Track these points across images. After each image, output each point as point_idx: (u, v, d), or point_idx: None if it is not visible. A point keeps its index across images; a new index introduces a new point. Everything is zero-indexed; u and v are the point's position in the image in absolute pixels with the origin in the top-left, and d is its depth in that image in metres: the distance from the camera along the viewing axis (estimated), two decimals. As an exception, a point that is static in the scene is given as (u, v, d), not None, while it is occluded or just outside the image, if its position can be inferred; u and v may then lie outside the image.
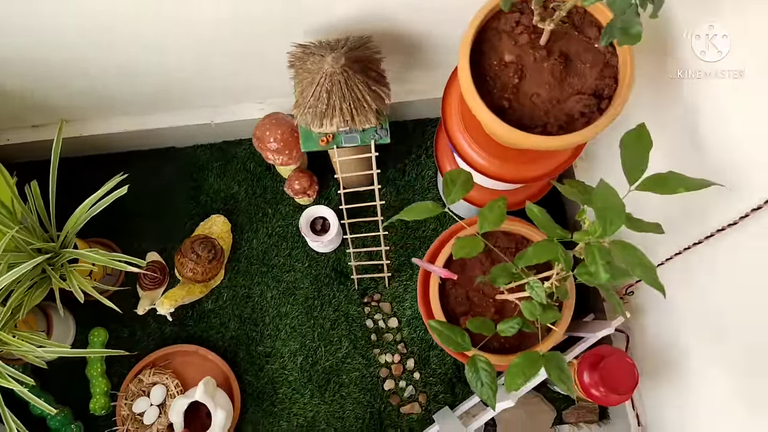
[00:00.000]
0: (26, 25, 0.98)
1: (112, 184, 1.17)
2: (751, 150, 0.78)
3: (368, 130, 1.11)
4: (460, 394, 1.40)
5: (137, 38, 1.05)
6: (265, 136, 1.30)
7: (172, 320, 1.39)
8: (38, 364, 1.16)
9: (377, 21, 1.07)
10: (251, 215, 1.49)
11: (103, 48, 1.08)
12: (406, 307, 1.44)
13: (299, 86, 1.01)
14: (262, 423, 1.39)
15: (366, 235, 1.39)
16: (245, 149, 1.52)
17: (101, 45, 1.06)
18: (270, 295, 1.45)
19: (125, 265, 1.13)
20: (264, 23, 1.06)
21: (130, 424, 1.34)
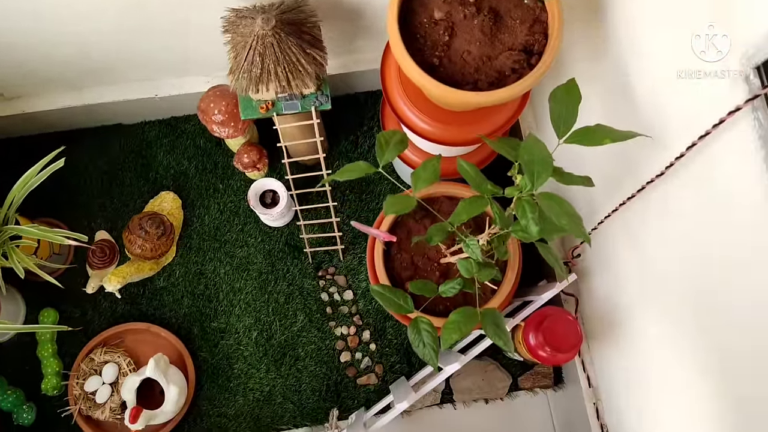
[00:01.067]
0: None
1: (50, 158, 1.14)
2: (671, 96, 0.79)
3: (308, 97, 1.10)
4: (416, 363, 1.41)
5: (67, 7, 1.03)
6: (209, 108, 1.28)
7: (121, 297, 1.37)
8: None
9: (314, -15, 1.05)
10: (202, 191, 1.47)
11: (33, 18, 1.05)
12: (361, 280, 1.44)
13: (233, 51, 1.00)
14: (218, 398, 1.38)
15: (317, 206, 1.38)
16: (194, 125, 1.50)
17: (31, 15, 1.04)
18: (223, 271, 1.43)
19: (66, 240, 1.10)
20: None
21: (83, 403, 1.32)
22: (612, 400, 1.22)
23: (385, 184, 1.48)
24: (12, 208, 1.17)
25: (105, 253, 1.39)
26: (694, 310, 0.86)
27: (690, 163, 0.78)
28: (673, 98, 0.79)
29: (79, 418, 1.32)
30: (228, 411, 1.38)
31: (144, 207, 1.45)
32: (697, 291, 0.84)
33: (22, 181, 1.14)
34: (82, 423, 1.32)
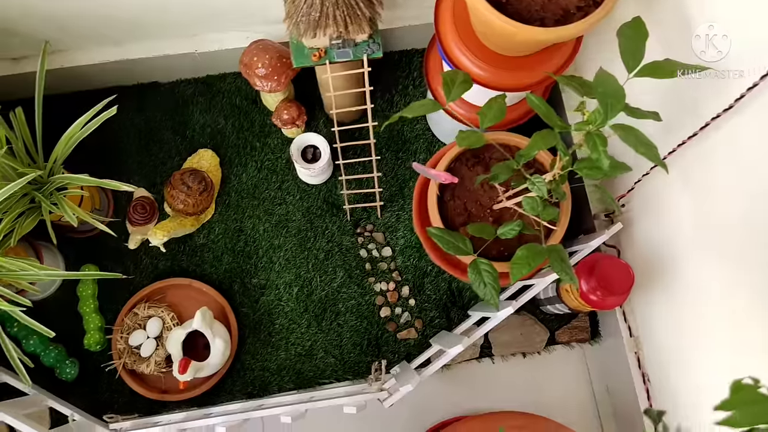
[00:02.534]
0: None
1: (100, 106, 1.14)
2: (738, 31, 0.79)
3: (360, 45, 1.10)
4: (455, 318, 1.42)
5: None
6: (252, 62, 1.28)
7: (165, 252, 1.38)
8: (33, 291, 1.15)
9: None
10: (239, 149, 1.47)
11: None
12: (399, 237, 1.45)
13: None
14: (260, 353, 1.39)
15: (359, 160, 1.38)
16: (229, 83, 1.50)
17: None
18: (262, 228, 1.44)
19: (122, 186, 1.11)
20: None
21: (127, 358, 1.33)
22: (654, 349, 1.23)
23: (421, 142, 1.49)
24: (59, 160, 1.17)
25: (145, 210, 1.39)
26: (761, 254, 0.87)
27: (761, 95, 0.79)
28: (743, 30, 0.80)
29: (123, 372, 1.33)
30: (270, 365, 1.39)
31: (182, 165, 1.45)
32: (764, 233, 0.85)
33: (73, 130, 1.14)
34: (126, 377, 1.33)
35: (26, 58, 1.34)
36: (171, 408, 1.36)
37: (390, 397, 1.14)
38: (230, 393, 1.38)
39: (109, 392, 1.36)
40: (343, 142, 1.32)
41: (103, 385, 1.36)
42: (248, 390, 1.38)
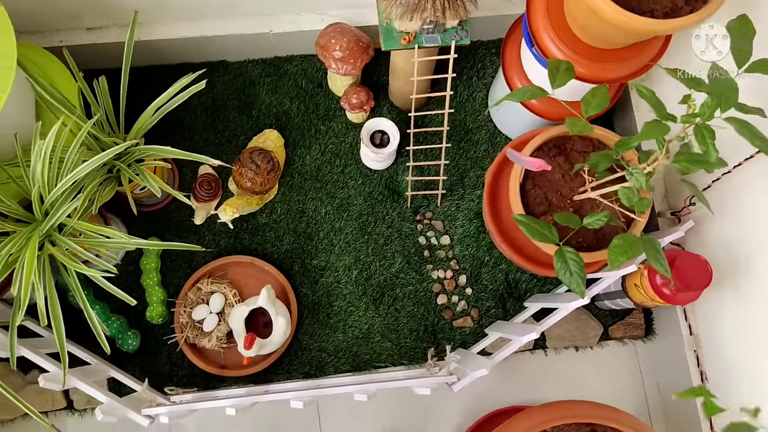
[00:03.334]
0: None
1: (188, 81, 1.16)
2: None
3: (449, 31, 1.11)
4: (510, 309, 1.43)
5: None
6: (330, 44, 1.29)
7: (232, 228, 1.39)
8: (110, 258, 1.16)
9: None
10: (304, 131, 1.48)
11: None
12: (458, 226, 1.46)
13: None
14: (318, 333, 1.40)
15: (429, 147, 1.39)
16: (297, 65, 1.51)
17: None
18: (324, 210, 1.45)
19: (210, 159, 1.12)
20: None
21: (190, 331, 1.34)
22: (716, 348, 1.24)
23: (483, 133, 1.50)
24: (140, 132, 1.18)
25: (211, 186, 1.40)
26: None
27: None
28: None
29: (184, 346, 1.35)
30: (328, 346, 1.40)
31: (247, 144, 1.46)
32: None
33: (156, 104, 1.15)
34: (187, 350, 1.35)
35: (100, 29, 1.34)
36: (228, 383, 1.37)
37: (459, 382, 1.15)
38: (287, 372, 1.39)
39: (169, 365, 1.37)
40: (416, 129, 1.32)
41: (163, 358, 1.37)
42: (305, 370, 1.39)
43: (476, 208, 1.46)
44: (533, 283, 1.44)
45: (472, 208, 1.46)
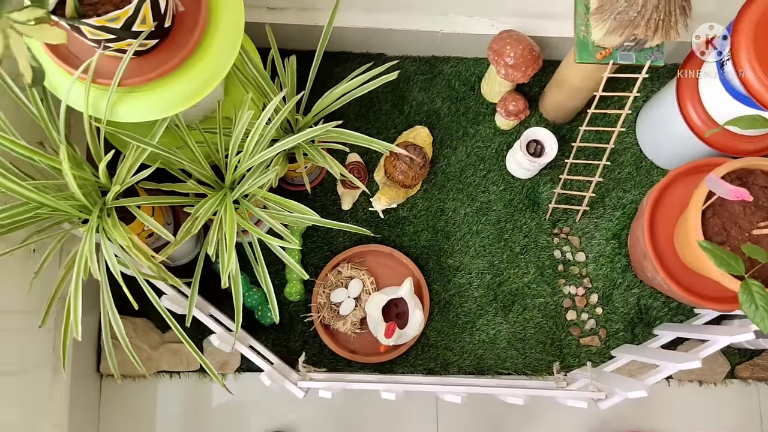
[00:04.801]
0: None
1: (380, 70, 1.19)
2: None
3: (645, 50, 1.11)
4: (639, 335, 1.43)
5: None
6: (504, 50, 1.31)
7: (383, 217, 1.42)
8: (295, 224, 1.18)
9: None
10: (452, 132, 1.50)
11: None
12: (594, 244, 1.46)
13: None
14: (446, 332, 1.42)
15: (588, 162, 1.38)
16: (452, 66, 1.53)
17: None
18: (464, 212, 1.47)
19: (385, 145, 1.15)
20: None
21: (326, 312, 1.37)
22: None
23: (629, 156, 1.50)
24: (321, 114, 1.21)
25: (360, 174, 1.43)
26: None
27: None
28: None
29: (318, 326, 1.37)
30: (454, 346, 1.42)
31: (396, 137, 1.49)
32: None
33: (344, 89, 1.18)
34: (321, 331, 1.37)
35: (281, 10, 1.38)
36: (354, 368, 1.39)
37: (607, 399, 1.15)
38: (412, 366, 1.41)
39: (301, 342, 1.40)
40: (582, 143, 1.33)
41: (296, 335, 1.40)
42: (429, 366, 1.40)
43: (615, 228, 1.46)
44: (665, 311, 1.43)
45: (611, 228, 1.46)
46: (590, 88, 1.30)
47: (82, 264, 0.90)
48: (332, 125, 1.08)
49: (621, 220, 1.47)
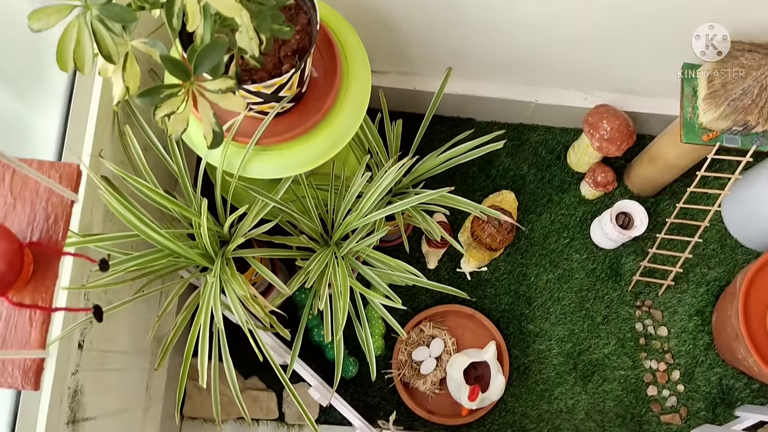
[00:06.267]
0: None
1: (486, 139, 1.22)
2: None
3: (752, 135, 1.13)
4: (720, 415, 1.40)
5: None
6: (600, 124, 1.34)
7: (470, 279, 1.43)
8: (399, 283, 1.20)
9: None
10: (537, 198, 1.53)
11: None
12: (677, 320, 1.45)
13: (719, 78, 1.05)
14: (524, 398, 1.41)
15: (680, 238, 1.39)
16: (539, 135, 1.57)
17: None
18: (546, 278, 1.48)
19: (476, 207, 1.17)
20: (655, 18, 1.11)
21: (407, 370, 1.38)
22: None
23: (714, 232, 1.51)
24: (424, 176, 1.25)
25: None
26: None
27: None
28: None
29: (398, 383, 1.38)
30: (531, 413, 1.41)
31: (482, 200, 1.52)
32: None
33: (450, 153, 1.22)
34: (400, 388, 1.38)
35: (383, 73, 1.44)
36: (429, 428, 1.39)
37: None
38: (488, 430, 1.40)
39: (379, 398, 1.41)
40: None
41: (374, 390, 1.41)
42: (506, 431, 1.39)
43: (698, 305, 1.45)
44: (746, 392, 1.41)
45: (694, 304, 1.46)
46: (684, 165, 1.32)
47: (207, 312, 0.93)
48: (445, 191, 1.11)
49: (705, 297, 1.46)
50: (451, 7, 1.16)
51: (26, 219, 0.63)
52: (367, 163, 1.13)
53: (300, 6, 0.89)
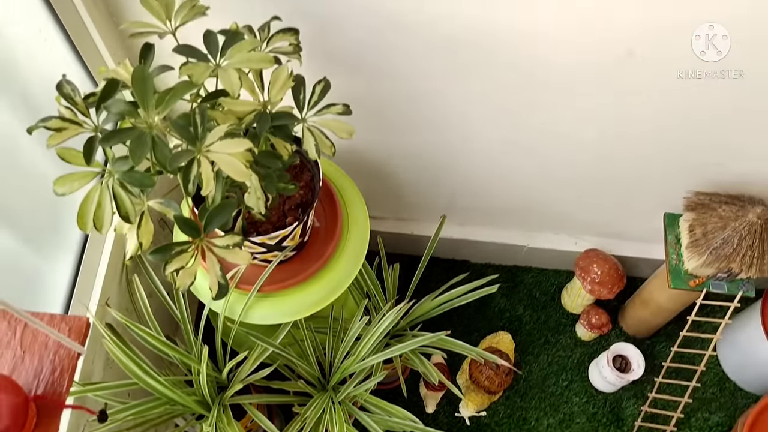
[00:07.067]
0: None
1: (481, 282, 1.26)
2: None
3: (737, 281, 1.17)
4: None
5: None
6: (591, 268, 1.38)
7: (469, 424, 1.41)
8: (397, 429, 1.18)
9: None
10: (533, 339, 1.54)
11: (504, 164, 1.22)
12: (683, 467, 1.41)
13: (699, 228, 1.11)
14: None
15: (677, 382, 1.38)
16: (533, 277, 1.61)
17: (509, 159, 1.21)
18: (546, 422, 1.45)
19: (474, 351, 1.18)
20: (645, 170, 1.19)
21: None
22: None
23: (711, 375, 1.50)
24: (419, 318, 1.27)
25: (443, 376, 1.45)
26: None
27: None
28: None
29: None
30: None
31: (479, 341, 1.52)
32: None
33: (446, 297, 1.25)
34: None
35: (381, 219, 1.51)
36: None
37: None
38: None
39: None
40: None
41: None
42: None
43: (703, 452, 1.42)
44: None
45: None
46: (676, 309, 1.35)
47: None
48: (443, 334, 1.13)
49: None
50: (444, 161, 1.24)
51: (33, 371, 0.65)
52: (365, 306, 1.16)
53: (304, 164, 0.96)
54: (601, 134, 1.08)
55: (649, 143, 1.09)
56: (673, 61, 0.90)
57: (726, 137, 1.05)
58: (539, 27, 0.87)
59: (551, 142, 1.13)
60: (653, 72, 0.92)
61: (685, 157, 1.12)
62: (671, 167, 1.16)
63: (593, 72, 0.94)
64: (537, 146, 1.15)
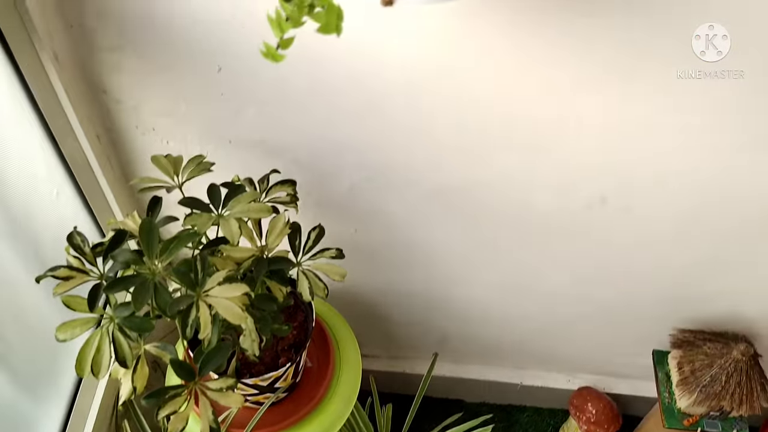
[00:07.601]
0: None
1: (475, 423, 1.24)
2: None
3: (729, 420, 1.17)
4: None
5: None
6: (584, 406, 1.37)
7: None
8: None
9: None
10: (532, 484, 1.48)
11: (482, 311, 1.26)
12: None
13: (687, 366, 1.12)
14: None
15: None
16: (528, 416, 1.58)
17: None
18: None
19: None
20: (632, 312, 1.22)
21: None
22: None
23: None
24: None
25: None
26: None
27: None
28: None
29: None
30: None
31: (475, 487, 1.47)
32: None
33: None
34: None
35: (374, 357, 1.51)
36: None
37: None
38: None
39: None
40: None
41: None
42: None
43: None
44: None
45: None
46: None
47: None
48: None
49: None
50: (435, 298, 1.28)
51: None
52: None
53: (298, 305, 1.00)
54: (573, 277, 1.14)
55: (630, 283, 1.14)
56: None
57: (703, 281, 1.10)
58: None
59: (532, 281, 1.17)
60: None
61: (670, 292, 1.16)
62: (657, 303, 1.20)
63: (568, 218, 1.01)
64: (521, 285, 1.19)
